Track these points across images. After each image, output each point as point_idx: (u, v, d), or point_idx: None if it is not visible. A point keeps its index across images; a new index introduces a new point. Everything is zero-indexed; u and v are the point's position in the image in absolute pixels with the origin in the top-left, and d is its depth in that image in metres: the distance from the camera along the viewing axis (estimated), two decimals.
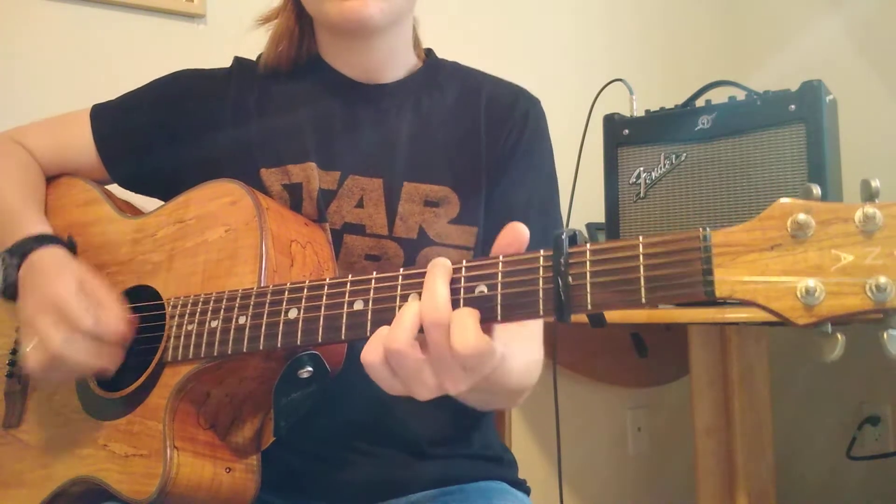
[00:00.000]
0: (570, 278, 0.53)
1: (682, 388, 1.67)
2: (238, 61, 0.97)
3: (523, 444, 1.81)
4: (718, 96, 1.36)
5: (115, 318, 0.75)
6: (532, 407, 1.80)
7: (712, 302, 0.49)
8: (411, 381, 0.56)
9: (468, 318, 0.54)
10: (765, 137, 1.26)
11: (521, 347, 0.72)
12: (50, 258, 0.80)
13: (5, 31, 1.33)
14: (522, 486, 0.95)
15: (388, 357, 0.56)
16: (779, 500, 1.45)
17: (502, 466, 0.94)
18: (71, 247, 0.85)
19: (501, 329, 0.59)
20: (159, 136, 0.93)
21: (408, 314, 0.56)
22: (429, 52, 1.00)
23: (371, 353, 0.57)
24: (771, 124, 1.25)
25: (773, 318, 0.49)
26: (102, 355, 0.74)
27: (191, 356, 0.71)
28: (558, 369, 1.44)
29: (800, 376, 2.00)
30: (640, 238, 0.53)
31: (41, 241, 0.81)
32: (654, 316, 1.34)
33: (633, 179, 1.39)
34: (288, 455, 0.83)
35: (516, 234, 0.58)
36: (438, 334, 0.54)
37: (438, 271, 0.57)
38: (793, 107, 1.23)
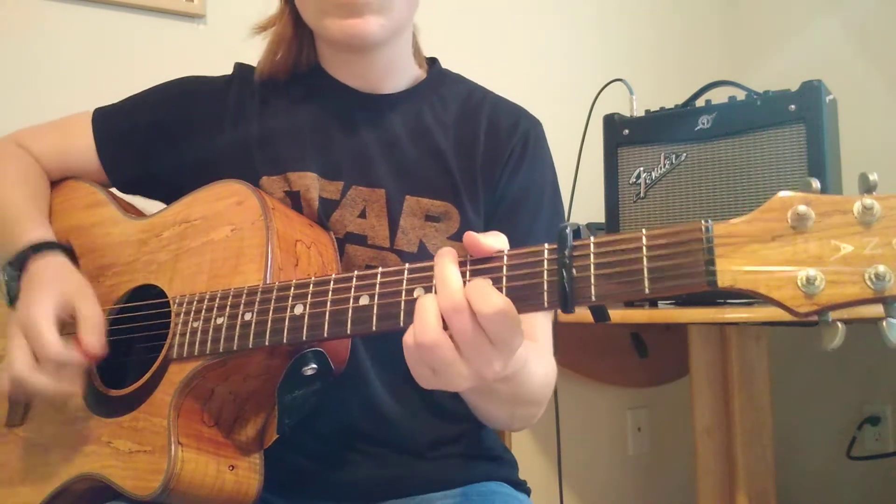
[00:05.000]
0: (574, 271, 0.54)
1: (682, 388, 1.67)
2: (239, 67, 0.96)
3: (523, 444, 1.81)
4: (718, 96, 1.37)
5: (89, 342, 0.75)
6: None
7: (713, 298, 0.49)
8: (448, 373, 0.56)
9: (484, 283, 0.55)
10: (765, 137, 1.27)
11: (539, 360, 0.75)
12: (44, 269, 0.80)
13: (5, 31, 1.33)
14: (523, 487, 0.95)
15: (423, 354, 0.56)
16: (779, 499, 1.45)
17: (503, 467, 0.94)
18: (68, 251, 0.85)
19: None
20: (159, 141, 0.93)
21: (425, 305, 0.56)
22: (433, 61, 0.99)
23: (407, 353, 0.57)
24: (771, 124, 1.26)
25: (772, 318, 0.49)
26: (64, 381, 0.74)
27: (196, 353, 0.71)
28: (558, 369, 1.44)
29: (800, 376, 2.00)
30: (643, 230, 0.53)
31: (38, 248, 0.82)
32: (654, 316, 1.34)
33: (633, 179, 1.40)
34: (289, 455, 0.83)
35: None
36: (459, 319, 0.55)
37: (446, 259, 0.58)
38: (793, 107, 1.23)
